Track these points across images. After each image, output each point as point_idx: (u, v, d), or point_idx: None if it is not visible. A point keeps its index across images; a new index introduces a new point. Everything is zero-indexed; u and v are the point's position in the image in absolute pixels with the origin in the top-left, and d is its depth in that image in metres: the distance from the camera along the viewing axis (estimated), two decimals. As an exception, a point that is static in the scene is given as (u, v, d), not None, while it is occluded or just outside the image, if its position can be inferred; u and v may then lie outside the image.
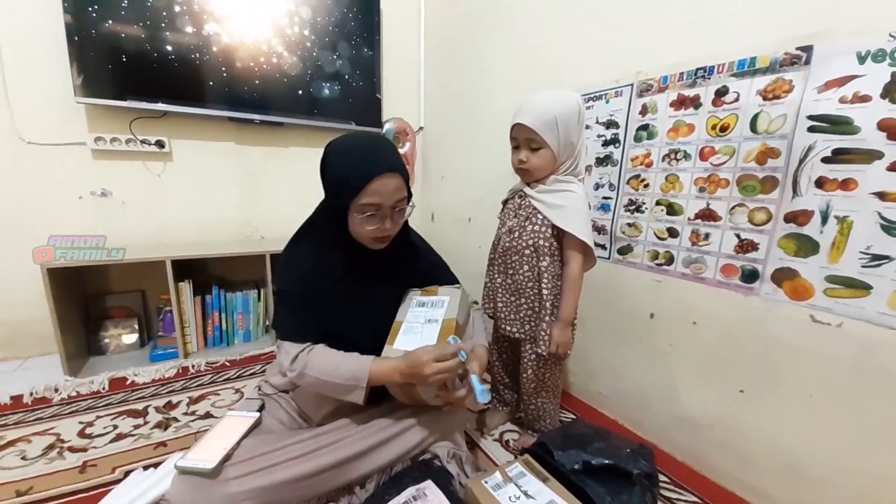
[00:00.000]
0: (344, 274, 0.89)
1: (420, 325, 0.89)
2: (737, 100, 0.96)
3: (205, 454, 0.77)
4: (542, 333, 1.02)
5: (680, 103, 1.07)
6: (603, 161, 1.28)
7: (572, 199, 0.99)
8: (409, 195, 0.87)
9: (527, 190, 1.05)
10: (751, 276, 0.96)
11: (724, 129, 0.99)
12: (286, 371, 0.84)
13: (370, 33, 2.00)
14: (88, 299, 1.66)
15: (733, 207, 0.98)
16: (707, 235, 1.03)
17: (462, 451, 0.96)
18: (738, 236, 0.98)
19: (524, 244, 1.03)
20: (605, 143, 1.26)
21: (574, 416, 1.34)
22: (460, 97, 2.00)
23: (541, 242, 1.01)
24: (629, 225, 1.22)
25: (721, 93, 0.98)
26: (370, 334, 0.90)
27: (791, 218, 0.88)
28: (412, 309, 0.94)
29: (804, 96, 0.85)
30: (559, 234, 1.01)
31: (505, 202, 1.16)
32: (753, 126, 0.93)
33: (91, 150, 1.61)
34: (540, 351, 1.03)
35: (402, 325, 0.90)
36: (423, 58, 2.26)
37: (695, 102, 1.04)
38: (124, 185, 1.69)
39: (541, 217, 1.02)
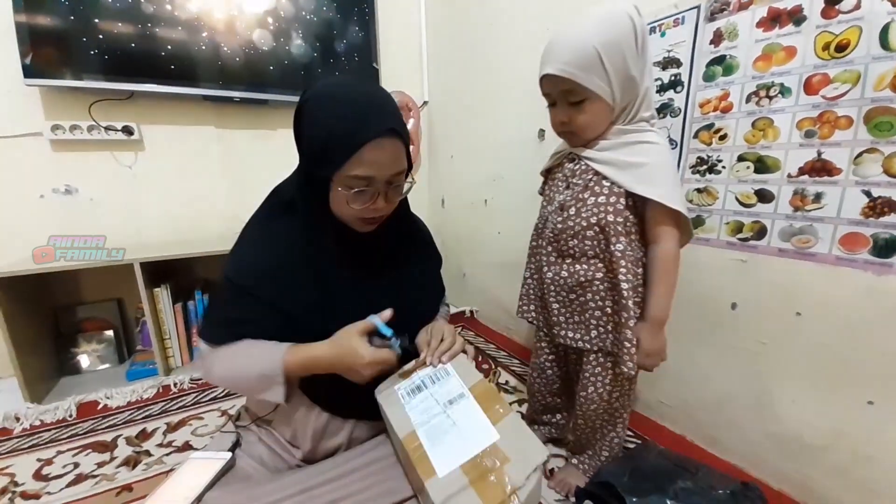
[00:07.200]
0: (324, 264, 0.69)
1: (446, 419, 0.63)
2: (857, 6, 0.70)
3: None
4: (627, 344, 0.74)
5: (772, 21, 0.80)
6: (659, 112, 1.00)
7: (652, 152, 0.71)
8: (409, 167, 0.66)
9: (581, 151, 0.77)
10: (888, 247, 0.70)
11: (841, 48, 0.72)
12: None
13: (363, -7, 1.73)
14: (57, 311, 1.45)
15: (860, 154, 0.71)
16: (818, 196, 0.77)
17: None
18: (867, 194, 0.71)
19: (584, 223, 0.76)
20: (662, 89, 0.99)
21: (631, 434, 1.09)
22: (470, 63, 1.72)
23: (610, 219, 0.73)
24: (699, 191, 0.95)
25: (833, 0, 0.72)
26: None
27: (954, 162, 0.63)
28: (408, 405, 0.66)
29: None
30: (637, 205, 0.74)
31: (548, 171, 0.89)
32: (884, 40, 0.68)
33: (49, 140, 1.40)
34: (625, 369, 0.74)
35: (422, 434, 0.62)
36: (425, 20, 1.98)
37: (795, 17, 0.77)
38: (91, 180, 1.48)
39: (607, 184, 0.73)
